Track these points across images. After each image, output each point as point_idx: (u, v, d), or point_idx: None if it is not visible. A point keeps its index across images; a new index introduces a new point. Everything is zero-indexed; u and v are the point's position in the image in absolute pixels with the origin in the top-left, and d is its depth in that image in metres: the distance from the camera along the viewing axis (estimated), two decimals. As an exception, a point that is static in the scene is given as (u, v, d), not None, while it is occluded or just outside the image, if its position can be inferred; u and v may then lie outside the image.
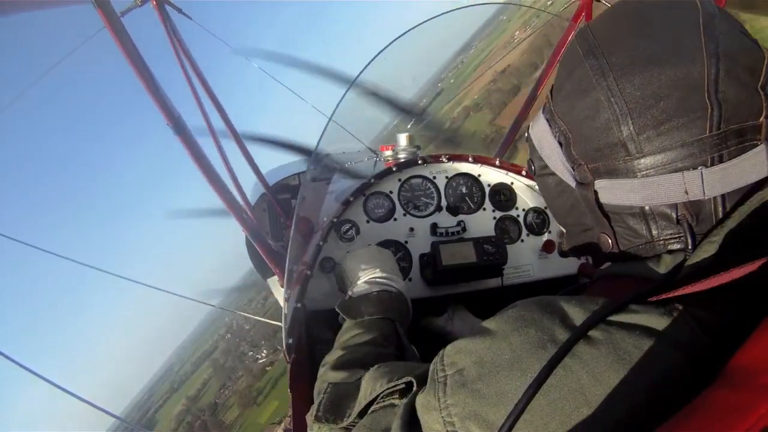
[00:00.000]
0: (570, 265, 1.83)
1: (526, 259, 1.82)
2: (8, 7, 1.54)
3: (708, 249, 0.57)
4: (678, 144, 0.60)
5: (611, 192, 0.68)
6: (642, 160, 0.63)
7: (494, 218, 1.83)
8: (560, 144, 0.74)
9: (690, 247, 0.62)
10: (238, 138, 3.31)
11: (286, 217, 3.45)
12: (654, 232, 0.67)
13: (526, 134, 0.86)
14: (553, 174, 0.78)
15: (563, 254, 0.89)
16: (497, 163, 1.86)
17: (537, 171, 0.83)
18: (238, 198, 2.89)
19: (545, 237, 1.85)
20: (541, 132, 0.78)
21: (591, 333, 0.55)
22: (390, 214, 1.76)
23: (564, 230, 0.87)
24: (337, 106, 2.00)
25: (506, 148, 2.85)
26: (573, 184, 0.74)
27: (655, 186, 0.63)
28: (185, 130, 1.83)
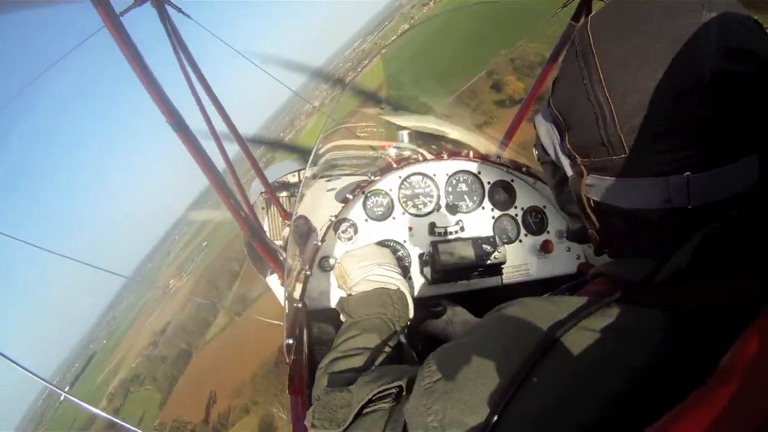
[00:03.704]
0: (569, 264, 1.84)
1: (524, 258, 1.82)
2: (7, 5, 1.54)
3: (682, 259, 0.57)
4: (664, 149, 0.58)
5: (599, 189, 0.68)
6: (627, 163, 0.62)
7: (493, 218, 1.83)
8: (559, 135, 0.73)
9: (666, 256, 0.61)
10: (238, 136, 3.30)
11: (286, 216, 3.45)
12: (636, 236, 0.67)
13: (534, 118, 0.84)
14: (552, 162, 0.78)
15: (569, 238, 0.89)
16: (498, 159, 1.86)
17: (539, 157, 0.83)
18: (238, 196, 2.89)
19: (543, 237, 1.85)
20: (545, 119, 0.78)
21: (563, 339, 0.56)
22: (389, 213, 1.76)
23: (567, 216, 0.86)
24: (336, 105, 2.00)
25: (506, 144, 2.84)
26: (569, 174, 0.73)
27: (638, 189, 0.62)
28: (185, 128, 1.82)
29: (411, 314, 1.28)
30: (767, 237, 0.56)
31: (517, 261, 1.80)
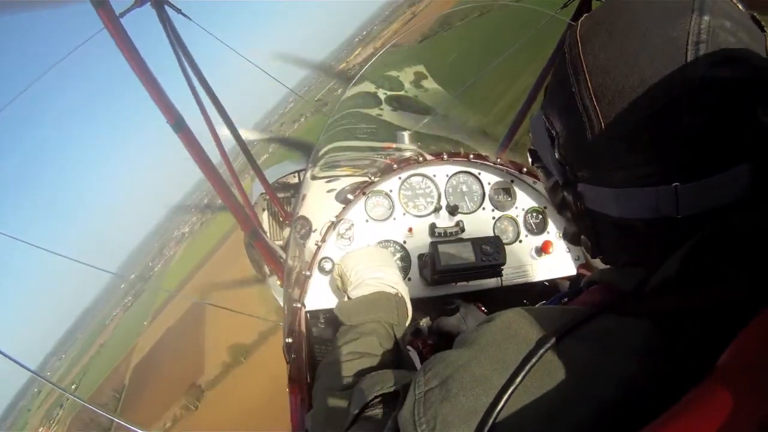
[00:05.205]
0: (569, 265, 1.83)
1: (524, 259, 1.82)
2: (7, 6, 1.55)
3: (671, 268, 0.57)
4: (652, 158, 0.57)
5: (591, 197, 0.67)
6: (616, 172, 0.61)
7: (493, 218, 1.83)
8: (551, 140, 0.72)
9: (655, 264, 0.61)
10: (238, 137, 3.30)
11: (286, 216, 3.45)
12: (627, 244, 0.67)
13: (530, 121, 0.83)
14: (545, 167, 0.77)
15: (565, 239, 0.89)
16: (497, 161, 1.86)
17: (533, 161, 0.82)
18: (239, 197, 2.89)
19: (544, 237, 1.85)
20: (537, 125, 0.76)
21: (552, 351, 0.56)
22: (389, 214, 1.76)
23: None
24: (338, 105, 2.01)
25: (506, 146, 2.84)
26: (560, 181, 0.73)
27: (628, 198, 0.61)
28: (186, 129, 1.83)
29: (409, 318, 1.28)
30: (757, 248, 0.55)
31: (517, 262, 1.80)
